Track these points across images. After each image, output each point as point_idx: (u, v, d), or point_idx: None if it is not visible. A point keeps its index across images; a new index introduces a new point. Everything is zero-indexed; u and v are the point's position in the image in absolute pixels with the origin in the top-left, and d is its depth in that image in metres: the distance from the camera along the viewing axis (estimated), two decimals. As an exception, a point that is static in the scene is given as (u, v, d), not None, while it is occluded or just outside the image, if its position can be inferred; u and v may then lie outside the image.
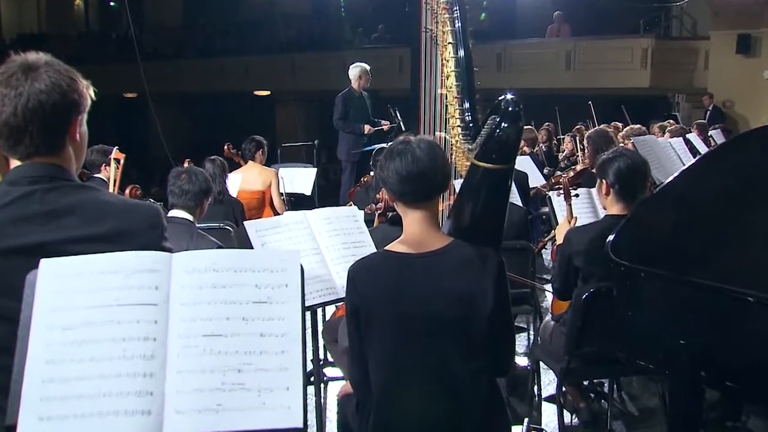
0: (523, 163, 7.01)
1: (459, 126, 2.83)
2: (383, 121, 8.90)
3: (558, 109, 12.02)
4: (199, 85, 21.55)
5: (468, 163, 2.73)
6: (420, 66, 3.33)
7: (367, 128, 8.78)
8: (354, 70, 8.86)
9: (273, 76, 20.40)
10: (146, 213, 1.78)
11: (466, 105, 2.82)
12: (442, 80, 3.08)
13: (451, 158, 3.17)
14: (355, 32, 20.54)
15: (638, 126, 7.45)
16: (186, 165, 5.03)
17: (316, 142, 9.95)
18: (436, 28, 3.05)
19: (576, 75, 16.09)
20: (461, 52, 2.84)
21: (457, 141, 2.89)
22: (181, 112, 23.00)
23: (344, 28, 20.76)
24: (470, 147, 2.71)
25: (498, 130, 2.51)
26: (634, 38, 15.77)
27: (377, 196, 4.14)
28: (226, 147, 7.10)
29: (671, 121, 10.65)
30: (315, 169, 8.16)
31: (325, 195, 9.59)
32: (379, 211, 4.17)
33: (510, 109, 2.51)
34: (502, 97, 2.54)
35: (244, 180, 6.34)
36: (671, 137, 7.56)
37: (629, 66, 15.44)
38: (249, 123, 15.41)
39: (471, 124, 2.79)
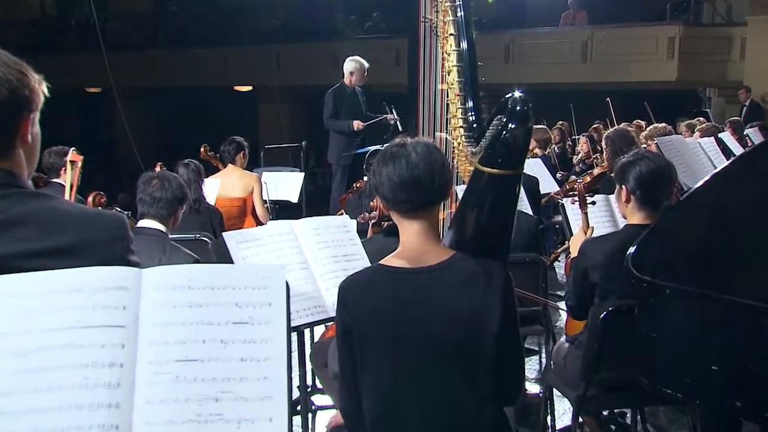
0: (534, 167, 7.03)
1: (461, 127, 2.83)
2: (378, 116, 8.82)
3: (573, 106, 12.05)
4: (172, 79, 21.57)
5: (471, 168, 2.73)
6: (419, 60, 3.34)
7: (356, 124, 8.58)
8: (348, 64, 8.79)
9: (255, 70, 20.43)
10: (109, 223, 1.77)
11: (470, 103, 2.83)
12: (442, 76, 3.09)
13: (453, 162, 3.18)
14: (348, 21, 20.57)
15: (663, 125, 7.47)
16: (157, 170, 5.04)
17: (303, 143, 9.96)
18: (436, 17, 3.05)
19: (593, 68, 16.14)
20: (464, 45, 2.84)
21: (459, 143, 2.89)
22: (151, 109, 23.04)
23: (335, 16, 20.80)
24: (474, 150, 2.72)
25: (504, 132, 2.52)
26: (660, 26, 15.80)
27: (371, 203, 4.15)
28: (202, 149, 7.11)
29: (701, 118, 10.66)
30: (302, 174, 8.17)
31: (314, 202, 9.61)
32: (373, 221, 4.18)
33: (518, 108, 2.52)
34: (510, 94, 2.54)
35: (223, 186, 6.35)
36: (701, 137, 7.58)
37: (654, 57, 15.47)
38: (228, 122, 15.42)
39: (475, 125, 2.79)
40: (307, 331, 4.29)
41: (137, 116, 19.62)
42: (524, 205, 5.30)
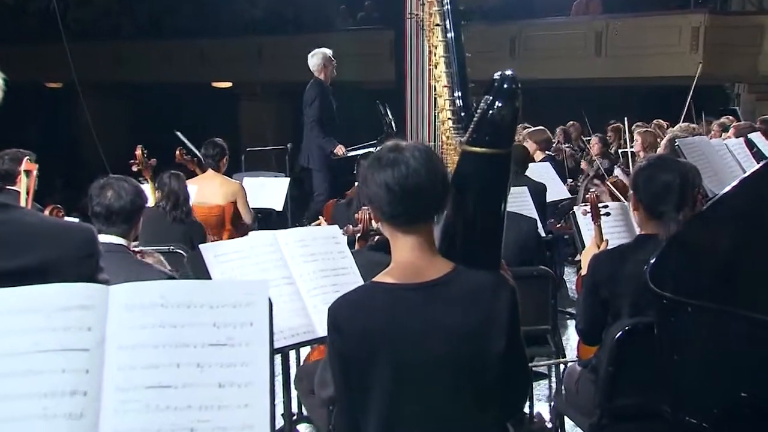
0: (542, 172, 7.03)
1: (450, 119, 2.89)
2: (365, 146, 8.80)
3: (586, 103, 12.06)
4: (142, 73, 21.52)
5: None
6: (405, 57, 3.41)
7: (340, 149, 8.70)
8: (316, 58, 8.77)
9: (235, 64, 20.42)
10: (79, 238, 1.77)
11: (457, 92, 2.89)
12: (430, 69, 3.16)
13: (443, 157, 3.21)
14: (337, 10, 20.59)
15: (694, 125, 7.44)
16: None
17: (289, 145, 9.97)
18: (422, 11, 3.13)
19: (609, 61, 16.12)
20: (450, 34, 2.91)
21: (448, 137, 2.95)
22: (119, 107, 22.97)
23: (323, 5, 20.81)
24: (462, 140, 2.77)
25: (491, 111, 2.57)
26: (683, 14, 15.73)
27: (356, 216, 4.12)
28: (178, 152, 7.12)
29: (730, 117, 10.68)
30: (287, 179, 8.17)
31: (300, 211, 9.59)
32: (358, 234, 4.16)
33: (505, 86, 2.57)
34: (499, 73, 2.59)
35: (202, 193, 6.34)
36: (735, 136, 7.58)
37: (676, 49, 15.43)
38: (206, 122, 15.39)
39: (463, 113, 2.85)
40: (292, 353, 4.29)
41: (103, 114, 19.55)
42: (529, 209, 5.30)
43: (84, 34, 21.39)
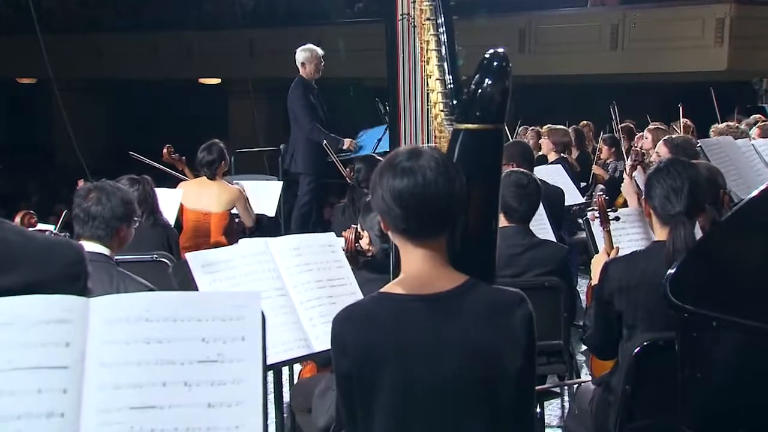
0: (555, 174, 7.01)
1: (442, 111, 2.95)
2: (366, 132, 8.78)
3: (601, 101, 12.04)
4: (124, 69, 21.54)
5: None
6: (398, 57, 3.54)
7: (348, 142, 8.71)
8: (299, 54, 8.79)
9: (224, 59, 20.42)
10: (65, 258, 1.76)
11: (448, 78, 2.96)
12: (422, 65, 3.26)
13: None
14: (333, 1, 20.59)
15: (735, 125, 7.40)
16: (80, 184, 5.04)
17: (282, 147, 9.95)
18: (413, 9, 3.22)
19: (626, 56, 16.12)
20: (442, 26, 2.98)
21: (441, 131, 3.00)
22: (99, 105, 23.01)
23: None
24: (454, 126, 2.84)
25: (480, 88, 2.64)
26: (706, 4, 15.63)
27: (344, 233, 4.09)
28: (165, 150, 7.13)
29: (761, 116, 10.67)
30: (281, 183, 8.15)
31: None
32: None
33: (494, 63, 2.64)
34: (490, 51, 2.67)
35: (197, 197, 6.34)
36: (759, 137, 7.58)
37: (699, 42, 15.40)
38: (193, 121, 15.43)
39: (455, 102, 2.92)
40: (285, 370, 4.28)
41: (82, 113, 19.58)
42: (539, 215, 5.28)
43: (61, 27, 21.37)
